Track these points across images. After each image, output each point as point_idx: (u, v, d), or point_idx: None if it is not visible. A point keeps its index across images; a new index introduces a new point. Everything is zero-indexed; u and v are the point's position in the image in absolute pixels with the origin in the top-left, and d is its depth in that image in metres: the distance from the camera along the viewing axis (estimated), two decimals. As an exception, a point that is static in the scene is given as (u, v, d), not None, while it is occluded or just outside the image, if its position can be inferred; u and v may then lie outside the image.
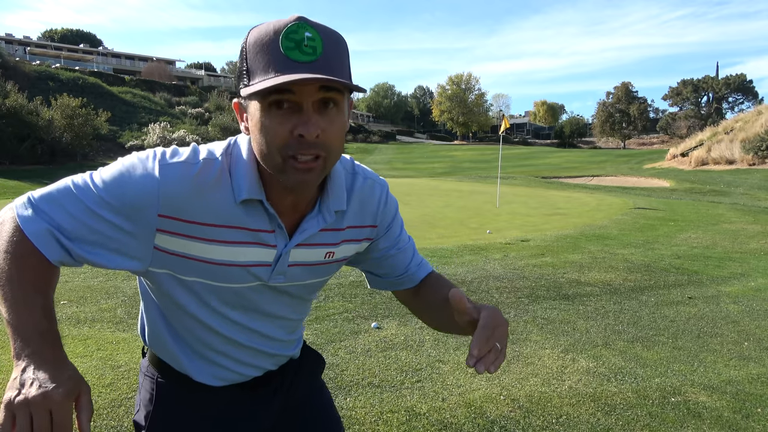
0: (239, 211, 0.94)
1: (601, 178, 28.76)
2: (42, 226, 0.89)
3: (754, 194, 18.81)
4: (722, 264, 6.76)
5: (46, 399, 0.78)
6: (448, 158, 45.79)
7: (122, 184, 0.89)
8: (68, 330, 3.81)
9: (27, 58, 49.82)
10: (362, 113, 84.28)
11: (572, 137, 74.85)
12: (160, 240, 0.93)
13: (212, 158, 0.94)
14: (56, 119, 26.48)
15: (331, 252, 1.07)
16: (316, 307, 4.50)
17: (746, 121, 30.82)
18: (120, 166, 0.92)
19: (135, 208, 0.89)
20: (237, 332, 1.07)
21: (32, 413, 0.77)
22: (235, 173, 0.93)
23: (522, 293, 5.15)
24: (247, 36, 0.87)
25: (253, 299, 1.05)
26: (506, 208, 13.56)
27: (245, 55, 0.86)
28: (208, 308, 1.03)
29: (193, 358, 1.09)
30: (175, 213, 0.91)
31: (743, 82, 69.32)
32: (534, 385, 3.17)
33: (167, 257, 0.96)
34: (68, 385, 0.81)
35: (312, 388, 1.29)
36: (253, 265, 0.99)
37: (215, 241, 0.95)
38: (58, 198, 0.90)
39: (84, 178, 0.91)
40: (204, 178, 0.92)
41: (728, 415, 2.86)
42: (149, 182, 0.89)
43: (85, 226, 0.89)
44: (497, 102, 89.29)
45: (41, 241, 0.89)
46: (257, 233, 0.96)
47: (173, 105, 48.98)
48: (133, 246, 0.93)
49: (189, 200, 0.91)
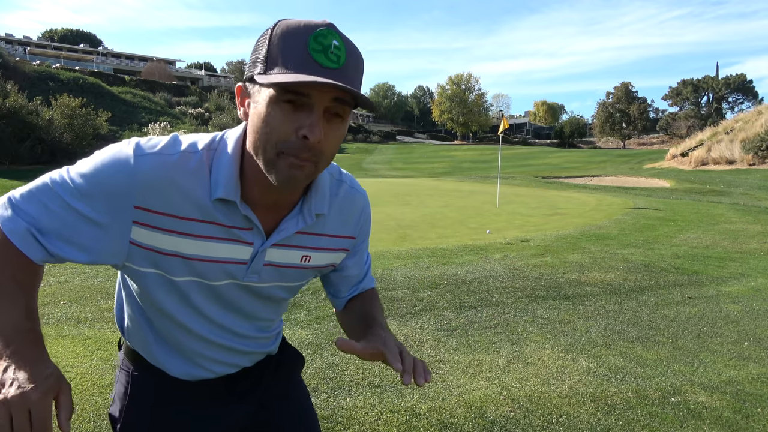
0: (215, 207, 0.93)
1: (601, 178, 28.76)
2: (21, 225, 0.88)
3: (754, 194, 18.81)
4: (722, 264, 6.76)
5: (24, 398, 0.79)
6: (448, 158, 45.77)
7: (97, 175, 0.88)
8: (68, 330, 3.80)
9: (27, 58, 49.81)
10: (362, 113, 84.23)
11: (572, 137, 74.84)
12: (136, 234, 0.92)
13: (192, 151, 0.92)
14: (56, 119, 26.45)
15: (307, 256, 1.06)
16: (316, 307, 4.50)
17: (746, 121, 30.81)
18: (96, 156, 0.91)
19: (110, 198, 0.88)
20: (211, 330, 1.07)
21: (11, 413, 0.78)
22: (215, 169, 0.92)
23: (522, 293, 5.15)
24: (275, 25, 0.86)
25: (226, 297, 1.04)
26: (506, 208, 13.55)
27: (270, 43, 0.84)
28: (184, 306, 1.02)
29: (170, 354, 1.09)
30: (151, 205, 0.90)
31: (743, 82, 69.32)
32: (534, 385, 3.17)
33: (144, 252, 0.94)
34: (47, 384, 0.82)
35: (289, 384, 1.29)
36: (228, 261, 0.98)
37: (189, 235, 0.93)
38: (36, 194, 0.89)
39: (61, 173, 0.90)
40: (180, 170, 0.90)
41: (728, 415, 2.86)
42: (124, 172, 0.88)
43: (59, 220, 0.89)
44: (497, 102, 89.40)
45: (22, 241, 0.88)
46: (232, 230, 0.95)
47: (173, 105, 48.99)
48: (108, 240, 0.91)
49: (164, 191, 0.89)
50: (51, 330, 3.78)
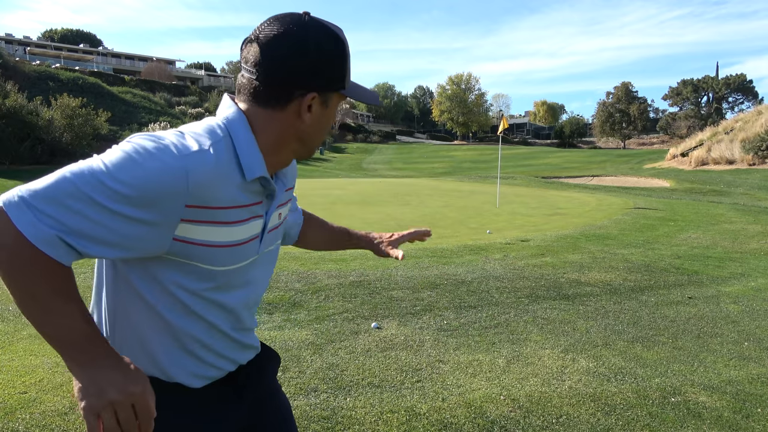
0: (243, 190, 0.98)
1: (601, 178, 28.77)
2: (47, 232, 0.82)
3: (754, 194, 18.81)
4: (722, 264, 6.76)
5: (128, 396, 0.87)
6: (448, 158, 45.79)
7: (147, 179, 0.85)
8: (68, 330, 3.80)
9: (27, 58, 49.79)
10: (362, 113, 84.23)
11: (572, 137, 74.86)
12: (181, 230, 0.92)
13: (216, 141, 0.95)
14: (56, 119, 26.44)
15: (280, 213, 1.15)
16: (316, 307, 4.50)
17: (746, 121, 30.81)
18: (134, 154, 0.86)
19: (164, 201, 0.87)
20: (223, 319, 1.07)
21: (117, 411, 0.87)
22: (242, 153, 0.97)
23: (522, 293, 5.15)
24: (344, 38, 1.02)
25: (244, 279, 1.08)
26: (506, 208, 13.55)
27: (345, 58, 1.01)
28: (198, 296, 1.02)
29: (175, 355, 1.04)
30: (200, 201, 0.91)
31: (743, 82, 69.31)
32: (534, 385, 3.17)
33: (182, 246, 0.94)
34: (141, 377, 0.90)
35: (274, 380, 1.33)
36: (250, 240, 1.04)
37: (225, 223, 0.97)
38: (60, 197, 0.82)
39: (92, 173, 0.84)
40: (221, 163, 0.93)
41: (728, 415, 2.86)
42: (177, 175, 0.87)
43: (101, 226, 0.84)
44: (497, 102, 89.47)
45: (52, 248, 0.83)
46: (252, 207, 1.02)
47: (173, 105, 49.00)
48: (152, 239, 0.90)
49: (213, 187, 0.92)
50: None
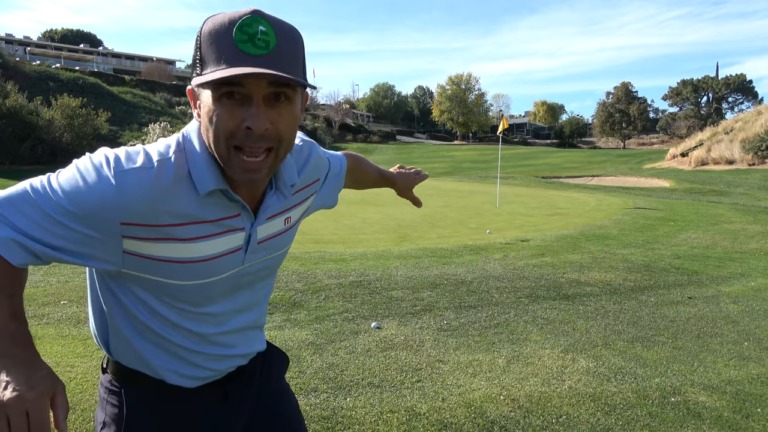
0: (202, 205, 0.94)
1: (601, 178, 28.76)
2: (2, 232, 0.86)
3: (754, 194, 18.81)
4: (722, 264, 6.76)
5: (21, 401, 0.79)
6: (448, 158, 45.78)
7: (79, 193, 0.87)
8: (68, 330, 3.80)
9: (27, 58, 49.82)
10: (362, 113, 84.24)
11: (572, 137, 74.84)
12: (128, 245, 0.92)
13: (165, 158, 0.92)
14: (56, 119, 26.46)
15: (288, 218, 1.12)
16: (316, 307, 4.50)
17: (746, 121, 30.82)
18: (75, 171, 0.89)
19: (95, 217, 0.87)
20: (211, 328, 1.06)
21: (8, 415, 0.78)
22: (195, 167, 0.93)
23: (522, 293, 5.15)
24: (202, 25, 0.87)
25: (230, 288, 1.05)
26: (506, 208, 13.56)
27: (199, 44, 0.87)
28: (177, 310, 1.01)
29: (167, 360, 1.05)
30: (137, 219, 0.89)
31: (743, 82, 69.27)
32: (534, 385, 3.17)
33: (140, 260, 0.94)
34: (42, 385, 0.82)
35: (280, 381, 1.31)
36: (227, 253, 1.00)
37: (183, 239, 0.94)
38: (17, 203, 0.87)
39: (43, 183, 0.89)
40: (162, 180, 0.90)
41: (728, 415, 2.86)
42: (107, 191, 0.87)
43: (47, 231, 0.87)
44: (497, 102, 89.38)
45: (2, 246, 0.86)
46: (222, 222, 0.97)
47: (173, 105, 48.95)
48: (100, 249, 0.91)
49: (149, 205, 0.89)
50: (51, 330, 3.78)
